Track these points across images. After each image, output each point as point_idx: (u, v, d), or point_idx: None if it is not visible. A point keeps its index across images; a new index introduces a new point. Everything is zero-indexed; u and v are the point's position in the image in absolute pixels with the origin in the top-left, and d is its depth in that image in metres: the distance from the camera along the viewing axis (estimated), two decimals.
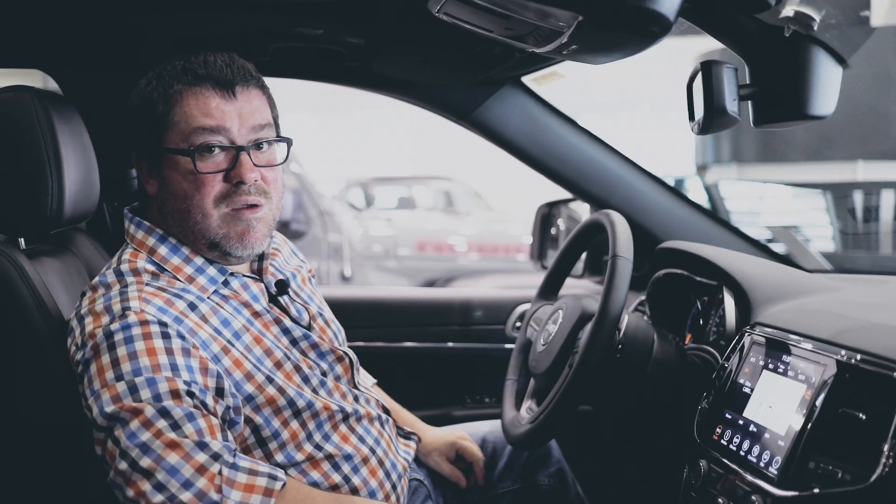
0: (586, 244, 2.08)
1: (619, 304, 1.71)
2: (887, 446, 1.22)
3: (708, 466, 1.55)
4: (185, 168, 1.53)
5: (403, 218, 8.68)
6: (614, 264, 1.74)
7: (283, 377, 1.57)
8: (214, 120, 1.52)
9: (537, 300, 2.16)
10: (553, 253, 2.83)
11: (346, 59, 2.18)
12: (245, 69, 1.58)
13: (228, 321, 1.54)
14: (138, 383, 1.36)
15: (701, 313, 2.06)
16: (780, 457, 1.39)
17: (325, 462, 1.58)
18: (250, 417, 1.51)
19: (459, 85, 2.29)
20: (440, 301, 2.75)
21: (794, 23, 1.35)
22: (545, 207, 2.84)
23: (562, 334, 1.89)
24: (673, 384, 1.84)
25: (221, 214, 1.55)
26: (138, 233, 1.61)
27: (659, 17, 1.24)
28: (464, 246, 7.39)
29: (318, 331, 1.73)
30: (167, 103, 1.53)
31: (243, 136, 1.55)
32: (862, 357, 1.35)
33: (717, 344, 1.89)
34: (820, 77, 1.41)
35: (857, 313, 1.57)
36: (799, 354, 1.48)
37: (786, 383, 1.47)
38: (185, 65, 1.55)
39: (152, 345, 1.40)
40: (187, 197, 1.54)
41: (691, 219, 2.37)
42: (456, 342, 2.64)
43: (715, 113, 1.38)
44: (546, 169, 2.38)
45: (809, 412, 1.37)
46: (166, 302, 1.48)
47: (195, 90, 1.53)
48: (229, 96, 1.54)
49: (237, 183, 1.54)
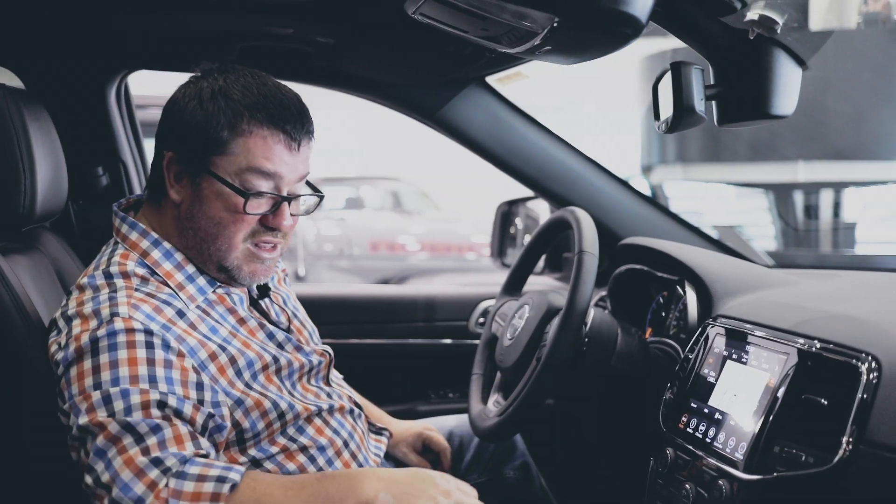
0: (551, 240, 2.12)
1: (587, 298, 1.76)
2: (848, 430, 1.28)
3: (675, 454, 1.60)
4: (231, 201, 1.51)
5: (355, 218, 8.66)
6: (581, 260, 1.78)
7: (265, 381, 1.58)
8: (274, 167, 1.52)
9: (502, 296, 2.19)
10: (512, 251, 2.87)
11: (314, 59, 2.19)
12: (311, 121, 1.58)
13: (216, 329, 1.55)
14: (113, 394, 1.35)
15: (661, 307, 2.12)
16: (745, 442, 1.44)
17: (300, 454, 1.59)
18: (239, 421, 1.51)
19: (426, 85, 2.32)
20: (404, 298, 2.77)
21: (759, 26, 1.41)
22: (505, 206, 2.88)
23: (529, 329, 1.92)
24: (637, 376, 1.89)
25: (244, 249, 1.56)
26: (132, 234, 1.59)
27: (632, 20, 1.29)
28: (415, 245, 7.41)
29: (296, 332, 1.75)
30: (233, 131, 1.50)
31: (290, 185, 1.56)
32: (822, 346, 1.41)
33: (677, 337, 1.95)
34: (781, 78, 1.47)
35: (815, 304, 1.63)
36: (761, 345, 1.54)
37: (749, 372, 1.53)
38: (259, 98, 1.51)
39: (134, 354, 1.39)
40: (221, 226, 1.53)
41: (650, 216, 2.42)
42: (419, 338, 2.66)
43: (685, 112, 1.43)
44: (509, 168, 2.41)
45: (773, 399, 1.43)
46: (155, 309, 1.47)
47: (266, 132, 1.51)
48: (294, 149, 1.54)
49: (271, 227, 1.56)
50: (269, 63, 2.21)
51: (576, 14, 1.28)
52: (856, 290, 1.82)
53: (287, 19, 1.94)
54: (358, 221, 8.09)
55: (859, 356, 1.33)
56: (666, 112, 1.51)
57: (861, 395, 1.29)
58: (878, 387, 1.29)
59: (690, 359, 1.71)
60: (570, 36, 1.35)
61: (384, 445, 1.90)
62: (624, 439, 2.12)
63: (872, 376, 1.30)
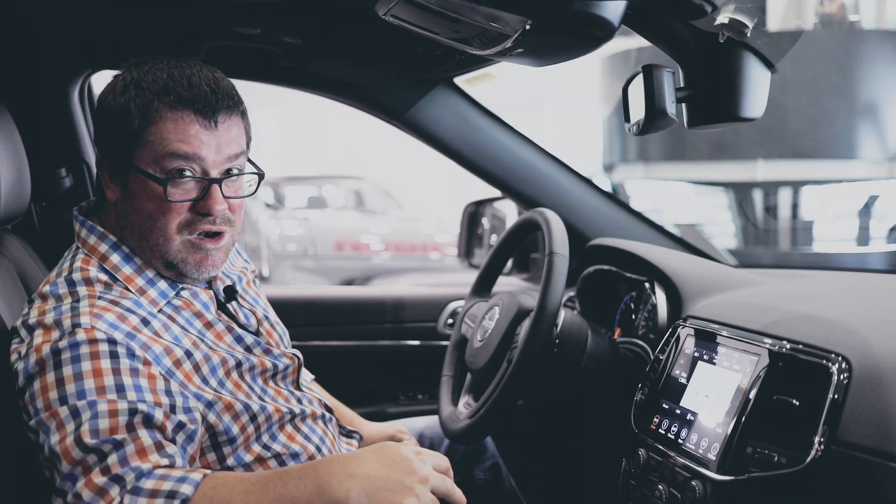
0: (520, 242, 2.12)
1: (558, 299, 1.76)
2: (820, 430, 1.30)
3: (647, 455, 1.61)
4: (154, 192, 1.48)
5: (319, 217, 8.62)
6: (551, 261, 1.78)
7: (233, 385, 1.56)
8: (191, 148, 1.47)
9: (471, 297, 2.19)
10: (479, 251, 2.87)
11: (281, 59, 2.17)
12: (229, 95, 1.52)
13: (181, 336, 1.52)
14: (80, 407, 1.32)
15: (629, 308, 2.13)
16: (718, 443, 1.45)
17: (272, 461, 1.58)
18: (213, 424, 1.49)
19: (394, 86, 2.31)
20: (372, 299, 2.76)
21: (729, 29, 1.41)
22: (472, 206, 2.88)
23: (499, 330, 1.92)
24: (607, 377, 1.90)
25: (183, 240, 1.51)
26: (90, 238, 1.56)
27: (604, 23, 1.29)
28: (379, 245, 7.39)
29: (266, 335, 1.72)
30: (144, 120, 1.47)
31: (217, 167, 1.50)
32: (793, 347, 1.42)
33: (646, 337, 1.96)
34: (751, 81, 1.48)
35: (785, 305, 1.65)
36: (732, 346, 1.55)
37: (721, 373, 1.54)
38: (167, 82, 1.47)
39: (99, 365, 1.36)
40: (151, 218, 1.49)
41: (617, 216, 2.43)
42: (388, 340, 2.66)
43: (656, 115, 1.43)
44: (477, 168, 2.41)
45: (745, 400, 1.44)
46: (119, 317, 1.44)
47: (176, 114, 1.47)
48: (210, 126, 1.48)
49: (204, 213, 1.51)
50: (237, 63, 2.19)
51: (548, 17, 1.28)
52: (823, 290, 1.84)
53: (254, 19, 1.92)
54: (322, 221, 8.05)
55: (830, 357, 1.35)
56: (637, 114, 1.52)
57: (832, 395, 1.31)
58: (849, 387, 1.30)
59: (661, 360, 1.72)
60: (542, 38, 1.35)
61: (355, 448, 1.89)
62: (595, 440, 2.12)
63: (843, 377, 1.31)
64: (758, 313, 1.60)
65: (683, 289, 1.85)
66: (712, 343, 1.61)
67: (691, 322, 1.71)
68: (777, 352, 1.44)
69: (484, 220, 2.89)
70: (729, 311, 1.67)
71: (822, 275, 2.08)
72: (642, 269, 2.02)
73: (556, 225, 1.86)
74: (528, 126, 2.60)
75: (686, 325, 1.72)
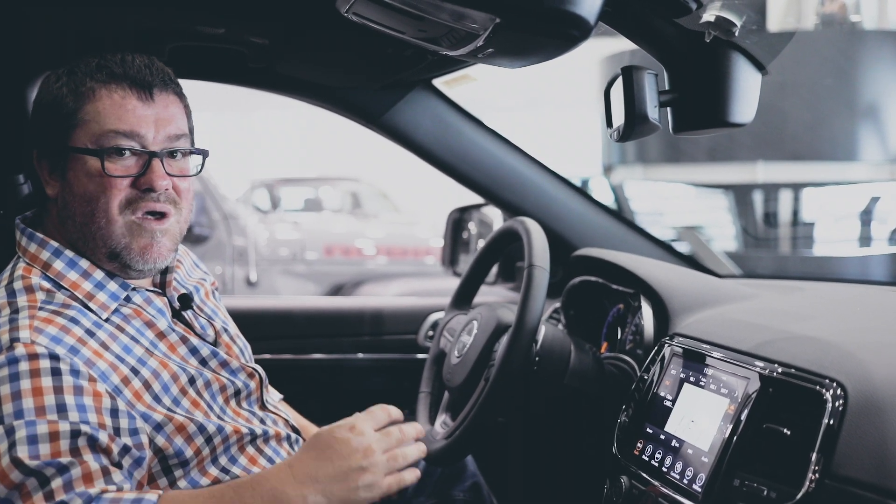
0: (500, 252, 2.04)
1: (536, 315, 1.67)
2: (813, 462, 1.20)
3: (629, 482, 1.52)
4: (93, 169, 1.43)
5: (310, 220, 8.54)
6: (531, 274, 1.71)
7: (190, 403, 1.48)
8: (128, 124, 1.44)
9: (451, 309, 2.11)
10: (465, 258, 2.78)
11: (249, 60, 2.09)
12: (164, 72, 1.50)
13: (130, 348, 1.44)
14: (16, 426, 1.25)
15: (616, 321, 2.04)
16: (703, 473, 1.36)
17: None
18: (162, 448, 1.41)
19: (368, 88, 2.22)
20: (350, 311, 2.67)
21: (715, 28, 1.32)
22: (456, 213, 2.80)
23: (477, 346, 1.84)
24: (591, 395, 1.81)
25: (127, 222, 1.46)
26: (31, 245, 1.48)
27: (579, 21, 1.19)
28: (372, 249, 7.30)
29: (225, 347, 1.65)
30: (78, 100, 1.44)
31: (157, 143, 1.47)
32: (785, 370, 1.33)
33: (633, 353, 1.88)
34: (740, 84, 1.38)
35: (777, 323, 1.55)
36: (720, 367, 1.46)
37: (708, 397, 1.44)
38: (100, 62, 1.46)
39: (39, 384, 1.28)
40: (92, 199, 1.44)
41: (604, 224, 2.35)
42: (367, 353, 2.56)
43: (636, 120, 1.34)
44: (458, 174, 2.33)
45: (734, 427, 1.35)
46: (62, 329, 1.36)
47: (110, 88, 1.45)
48: (146, 98, 1.46)
49: (146, 189, 1.46)
50: (203, 65, 2.13)
51: (517, 14, 1.19)
52: (819, 306, 1.75)
53: (217, 18, 1.84)
54: (313, 224, 7.96)
55: (824, 382, 1.25)
56: (618, 119, 1.42)
57: (826, 424, 1.21)
58: (845, 416, 1.21)
59: (647, 379, 1.62)
60: (513, 38, 1.26)
61: None
62: (578, 461, 2.03)
63: (838, 404, 1.22)
64: (748, 332, 1.51)
65: (671, 303, 1.76)
66: (699, 364, 1.51)
67: (678, 340, 1.62)
68: (768, 376, 1.34)
69: (470, 226, 2.80)
70: (718, 329, 1.58)
71: (818, 287, 1.99)
72: (629, 280, 1.93)
73: (536, 235, 1.78)
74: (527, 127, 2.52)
75: (673, 343, 1.62)
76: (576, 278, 2.14)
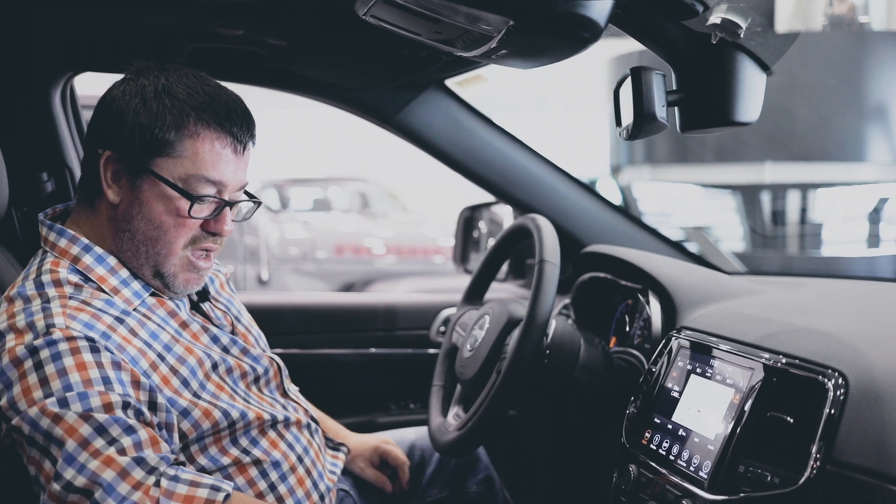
0: (511, 249, 2.08)
1: (547, 309, 1.71)
2: (815, 449, 1.24)
3: (637, 471, 1.56)
4: (176, 204, 1.46)
5: (320, 220, 8.57)
6: (542, 270, 1.74)
7: (215, 387, 1.52)
8: (220, 174, 1.48)
9: (462, 305, 2.15)
10: (476, 256, 2.82)
11: (266, 61, 2.13)
12: (253, 122, 1.54)
13: (157, 334, 1.49)
14: (69, 398, 1.29)
15: (625, 316, 2.08)
16: (709, 461, 1.40)
17: (252, 467, 1.54)
18: (186, 433, 1.45)
19: (382, 88, 2.26)
20: (363, 306, 2.71)
21: (721, 30, 1.36)
22: (467, 211, 2.83)
23: (489, 340, 1.88)
24: (600, 388, 1.85)
25: (183, 257, 1.51)
26: (61, 241, 1.52)
27: (590, 23, 1.23)
28: (381, 248, 7.34)
29: (241, 336, 1.69)
30: (179, 133, 1.45)
31: (232, 191, 1.53)
32: (788, 361, 1.37)
33: (641, 347, 1.91)
34: (745, 84, 1.42)
35: (781, 317, 1.59)
36: (726, 359, 1.50)
37: (714, 387, 1.48)
38: (205, 98, 1.47)
39: (82, 359, 1.33)
40: (161, 228, 1.48)
41: (613, 222, 2.38)
42: (379, 347, 2.61)
43: (645, 119, 1.37)
44: (470, 172, 2.36)
45: (738, 416, 1.39)
46: (93, 316, 1.40)
47: (213, 135, 1.47)
48: (239, 154, 1.51)
49: (212, 233, 1.52)
50: (220, 65, 2.16)
51: (531, 17, 1.23)
52: (823, 300, 1.78)
53: (237, 20, 1.87)
54: (323, 224, 8.00)
55: (825, 372, 1.29)
56: (627, 119, 1.46)
57: (828, 412, 1.25)
58: (845, 404, 1.25)
59: (654, 372, 1.66)
60: (526, 39, 1.30)
61: (341, 462, 1.85)
62: (589, 452, 2.07)
63: (839, 393, 1.26)
64: (753, 325, 1.54)
65: (678, 298, 1.80)
66: (706, 356, 1.55)
67: (685, 333, 1.66)
68: (772, 366, 1.38)
69: (481, 224, 2.84)
70: (724, 322, 1.62)
71: (823, 283, 2.02)
72: (637, 276, 1.97)
73: (546, 231, 1.81)
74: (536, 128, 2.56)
75: (680, 336, 1.66)
76: (585, 275, 2.17)
